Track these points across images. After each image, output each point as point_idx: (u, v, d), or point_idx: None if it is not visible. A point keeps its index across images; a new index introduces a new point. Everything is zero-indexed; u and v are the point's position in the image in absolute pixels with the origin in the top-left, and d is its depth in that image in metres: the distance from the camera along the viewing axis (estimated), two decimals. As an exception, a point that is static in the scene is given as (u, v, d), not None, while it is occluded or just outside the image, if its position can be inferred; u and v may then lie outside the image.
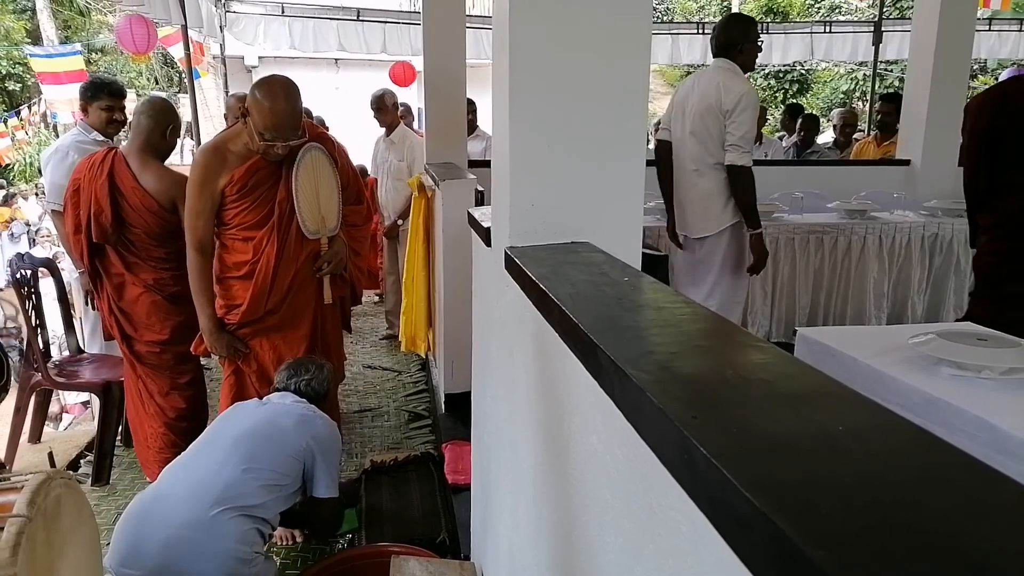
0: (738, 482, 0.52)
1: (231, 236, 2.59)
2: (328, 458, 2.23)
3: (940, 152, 4.55)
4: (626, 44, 1.43)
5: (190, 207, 2.52)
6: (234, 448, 2.07)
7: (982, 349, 1.70)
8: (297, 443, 2.16)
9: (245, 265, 2.57)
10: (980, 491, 0.50)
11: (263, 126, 2.40)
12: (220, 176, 2.50)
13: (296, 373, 2.41)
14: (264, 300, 2.58)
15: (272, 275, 2.56)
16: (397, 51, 8.60)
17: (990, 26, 9.25)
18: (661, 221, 3.76)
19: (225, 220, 2.56)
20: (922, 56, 4.54)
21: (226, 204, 2.52)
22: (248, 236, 2.57)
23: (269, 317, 2.63)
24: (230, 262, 2.60)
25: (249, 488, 2.01)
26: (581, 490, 1.00)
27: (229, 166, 2.50)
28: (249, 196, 2.53)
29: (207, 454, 2.09)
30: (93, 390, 3.26)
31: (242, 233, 2.57)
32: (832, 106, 16.20)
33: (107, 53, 15.35)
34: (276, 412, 2.24)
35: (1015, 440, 1.35)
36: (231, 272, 2.61)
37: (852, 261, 3.80)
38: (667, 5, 18.96)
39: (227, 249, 2.61)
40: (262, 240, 2.55)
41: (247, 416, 2.22)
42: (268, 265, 2.55)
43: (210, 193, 2.50)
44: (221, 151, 2.53)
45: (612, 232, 1.48)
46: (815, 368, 0.75)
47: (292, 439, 2.16)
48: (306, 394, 2.38)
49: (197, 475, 2.02)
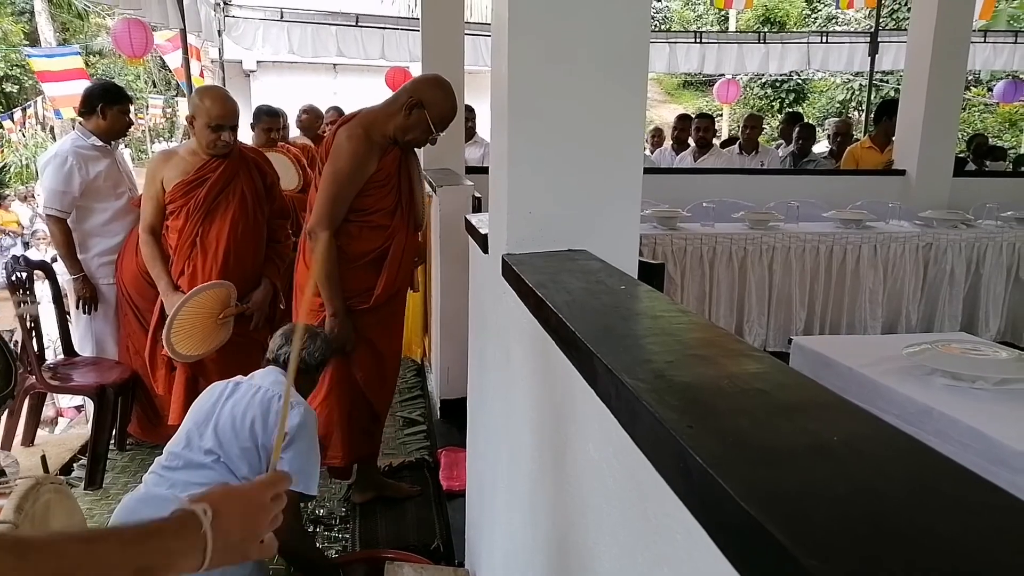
0: (733, 491, 0.52)
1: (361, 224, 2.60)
2: (302, 448, 2.03)
3: (935, 163, 4.58)
4: (624, 52, 1.44)
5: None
6: (206, 441, 1.98)
7: (976, 359, 1.71)
8: (266, 432, 2.01)
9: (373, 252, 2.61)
10: (973, 502, 0.51)
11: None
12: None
13: (287, 342, 2.23)
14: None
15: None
16: (396, 57, 8.62)
17: (985, 38, 9.31)
18: (658, 229, 3.77)
19: (357, 207, 2.57)
20: (918, 67, 4.57)
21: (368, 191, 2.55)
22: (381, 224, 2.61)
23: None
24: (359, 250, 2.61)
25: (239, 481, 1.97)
26: (577, 498, 1.01)
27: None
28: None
29: (187, 450, 2.01)
30: (87, 393, 3.24)
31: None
32: (828, 115, 16.29)
33: (105, 56, 15.35)
34: (250, 403, 2.06)
35: (1008, 450, 1.36)
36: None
37: (848, 270, 3.82)
38: (665, 14, 19.04)
39: (353, 238, 2.59)
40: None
41: (218, 404, 2.07)
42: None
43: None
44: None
45: (609, 240, 1.48)
46: (810, 378, 0.76)
47: (259, 428, 2.01)
48: (298, 367, 2.23)
49: (179, 475, 1.98)
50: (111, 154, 3.36)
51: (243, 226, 2.92)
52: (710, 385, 0.76)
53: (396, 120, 2.51)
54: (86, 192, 3.23)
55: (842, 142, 5.81)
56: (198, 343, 2.78)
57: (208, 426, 2.04)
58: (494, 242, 1.63)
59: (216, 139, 2.80)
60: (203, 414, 2.09)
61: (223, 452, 1.99)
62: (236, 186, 2.91)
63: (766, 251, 3.75)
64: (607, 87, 1.45)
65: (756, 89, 18.28)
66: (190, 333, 2.75)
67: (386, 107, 2.58)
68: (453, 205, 3.19)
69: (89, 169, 3.23)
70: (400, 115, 2.51)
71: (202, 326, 2.78)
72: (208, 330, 2.80)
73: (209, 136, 2.80)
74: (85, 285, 3.27)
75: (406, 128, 2.52)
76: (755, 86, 18.14)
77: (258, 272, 3.00)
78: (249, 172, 2.97)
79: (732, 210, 4.15)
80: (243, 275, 2.91)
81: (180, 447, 2.03)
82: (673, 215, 3.87)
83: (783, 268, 3.77)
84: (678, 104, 18.76)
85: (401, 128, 2.52)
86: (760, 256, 3.75)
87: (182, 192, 2.86)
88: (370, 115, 2.57)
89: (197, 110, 2.80)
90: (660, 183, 4.40)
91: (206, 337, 2.80)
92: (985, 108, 16.95)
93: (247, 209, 2.93)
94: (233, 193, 2.90)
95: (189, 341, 2.75)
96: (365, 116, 2.56)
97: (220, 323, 2.82)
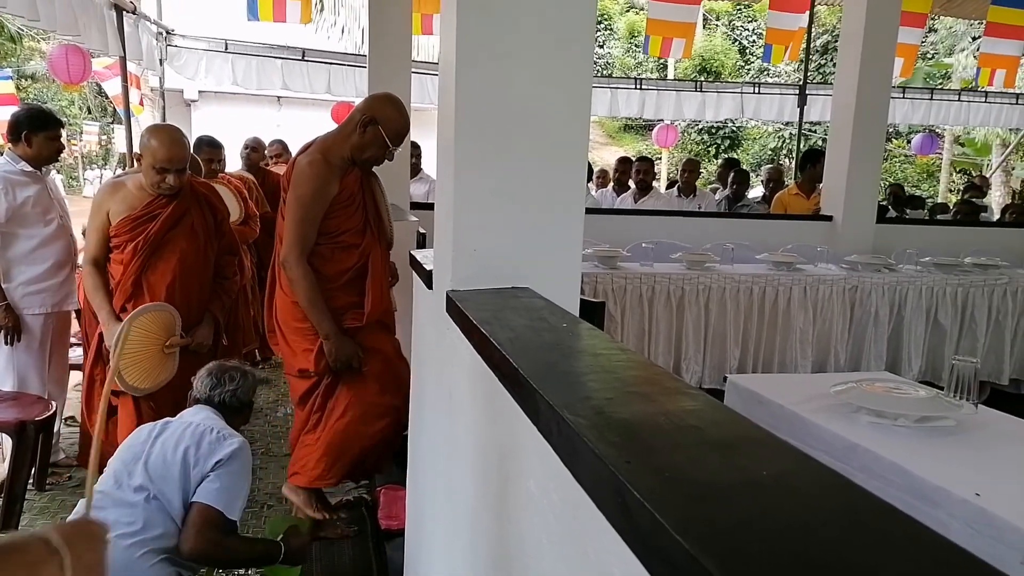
0: (669, 525, 0.54)
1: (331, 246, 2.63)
2: (234, 475, 2.00)
3: (859, 210, 4.81)
4: (568, 96, 1.49)
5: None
6: (136, 479, 1.93)
7: (898, 398, 1.79)
8: (203, 469, 1.98)
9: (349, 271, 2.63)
10: (895, 536, 0.54)
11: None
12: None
13: (219, 383, 2.19)
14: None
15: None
16: (342, 92, 8.60)
17: (904, 94, 9.91)
18: (599, 268, 3.84)
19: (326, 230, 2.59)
20: (843, 119, 4.82)
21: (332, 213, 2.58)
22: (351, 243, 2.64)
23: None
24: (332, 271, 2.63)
25: (168, 528, 1.91)
26: (516, 535, 1.01)
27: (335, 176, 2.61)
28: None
29: (115, 488, 1.94)
30: (6, 430, 3.08)
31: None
32: (762, 162, 16.97)
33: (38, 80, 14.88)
34: (181, 436, 2.02)
35: (928, 485, 1.42)
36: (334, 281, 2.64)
37: (779, 311, 3.95)
38: (607, 60, 19.64)
39: (326, 259, 2.62)
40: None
41: (147, 442, 2.02)
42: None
43: None
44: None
45: (551, 279, 1.51)
46: (743, 415, 0.79)
47: (199, 466, 1.97)
48: (230, 406, 2.18)
49: (107, 514, 1.89)
50: (41, 180, 3.24)
51: (191, 261, 2.84)
52: (648, 422, 0.78)
53: (352, 140, 2.57)
54: (12, 218, 3.11)
55: (774, 188, 6.06)
56: (145, 374, 2.66)
57: (138, 464, 1.98)
58: (439, 278, 1.64)
59: (160, 181, 2.71)
60: (132, 452, 2.03)
61: (154, 488, 1.94)
62: (186, 222, 2.83)
63: (702, 291, 3.85)
64: (551, 129, 1.49)
65: (693, 135, 18.95)
66: (137, 360, 2.63)
67: (341, 129, 2.64)
68: (398, 241, 3.18)
69: (16, 194, 3.11)
70: (355, 134, 2.56)
71: (149, 354, 2.66)
72: (155, 360, 2.68)
73: (154, 177, 2.72)
74: (7, 315, 3.13)
75: (362, 146, 2.57)
76: (692, 131, 18.81)
77: (203, 308, 2.91)
78: (200, 207, 2.90)
79: (670, 251, 4.25)
80: (188, 310, 2.82)
81: (108, 486, 1.95)
82: (614, 255, 3.95)
83: (719, 308, 3.88)
84: (619, 147, 19.27)
85: (358, 147, 2.57)
86: (697, 296, 3.85)
87: (128, 227, 2.75)
88: (327, 140, 2.63)
89: (144, 149, 2.72)
90: (601, 224, 4.49)
91: (153, 367, 2.68)
92: (905, 159, 17.96)
93: (197, 245, 2.86)
94: (183, 229, 2.82)
95: (136, 370, 2.63)
96: (322, 142, 2.63)
97: (167, 353, 2.72)
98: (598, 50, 18.93)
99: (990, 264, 4.36)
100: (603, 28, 19.68)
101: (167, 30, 7.67)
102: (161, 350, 2.69)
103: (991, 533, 1.30)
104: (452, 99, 1.45)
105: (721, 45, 19.62)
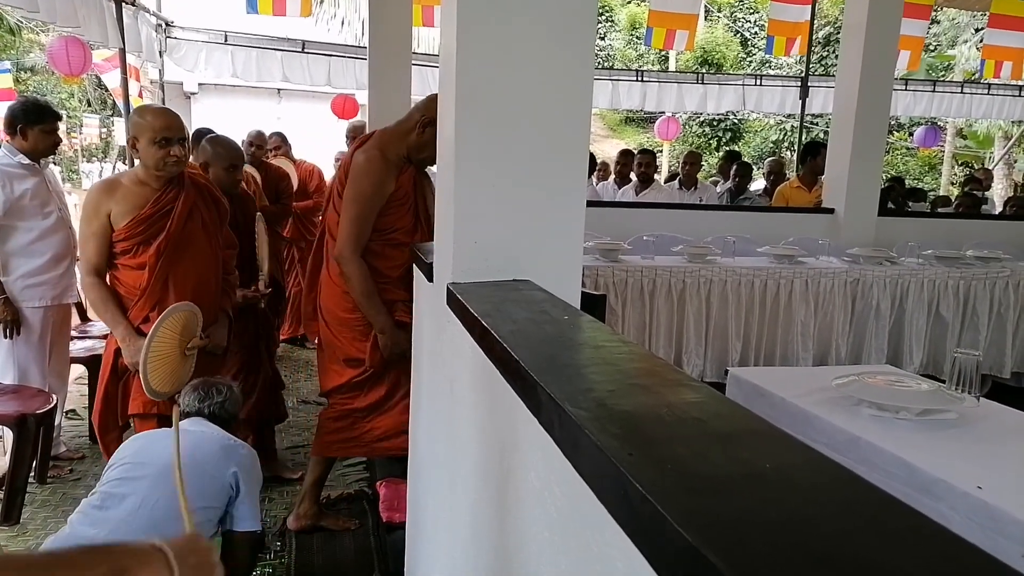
0: (672, 518, 0.53)
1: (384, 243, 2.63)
2: (252, 489, 2.10)
3: (862, 202, 4.80)
4: (569, 88, 1.48)
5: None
6: (155, 483, 1.93)
7: (900, 391, 1.79)
8: (223, 473, 2.04)
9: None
10: (897, 528, 0.53)
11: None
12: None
13: (208, 396, 2.24)
14: None
15: None
16: (342, 84, 8.59)
17: (906, 86, 9.88)
18: (600, 261, 3.84)
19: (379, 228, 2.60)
20: (845, 112, 4.81)
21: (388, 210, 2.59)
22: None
23: None
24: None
25: (177, 527, 1.91)
26: (519, 528, 1.01)
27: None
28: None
29: (126, 491, 1.97)
30: (6, 423, 3.08)
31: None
32: (763, 154, 16.94)
33: (37, 72, 14.84)
34: (196, 441, 2.07)
35: (929, 478, 1.42)
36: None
37: (781, 304, 3.95)
38: (608, 52, 19.58)
39: (378, 256, 2.62)
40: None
41: (164, 447, 2.04)
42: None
43: None
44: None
45: (553, 271, 1.51)
46: (744, 407, 0.78)
47: (218, 469, 2.03)
48: (219, 417, 2.22)
49: (117, 514, 1.91)
50: (39, 172, 3.24)
51: (207, 256, 2.72)
52: (650, 414, 0.78)
53: (410, 139, 2.58)
54: (10, 211, 3.11)
55: (775, 180, 6.05)
56: (167, 377, 2.50)
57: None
58: (439, 271, 1.64)
59: (166, 154, 2.49)
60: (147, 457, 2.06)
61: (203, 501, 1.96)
62: (197, 215, 2.68)
63: (704, 284, 3.84)
64: (552, 121, 1.48)
65: (695, 127, 18.90)
66: (161, 364, 2.48)
67: (399, 127, 2.64)
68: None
69: (14, 187, 3.11)
70: (414, 133, 2.57)
71: (172, 357, 2.51)
72: (176, 363, 2.52)
73: (157, 153, 2.49)
74: (7, 308, 3.13)
75: (420, 146, 2.57)
76: (694, 124, 18.76)
77: (217, 305, 2.78)
78: (204, 200, 2.75)
79: (671, 244, 4.25)
80: (206, 310, 2.66)
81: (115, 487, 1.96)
82: (615, 247, 3.95)
83: (720, 301, 3.87)
84: (620, 139, 19.23)
85: (416, 146, 2.58)
86: (698, 289, 3.84)
87: (142, 228, 2.56)
88: (384, 135, 2.64)
89: (139, 128, 2.51)
90: (602, 216, 4.48)
91: (175, 371, 2.52)
92: (907, 152, 17.92)
93: (209, 238, 2.73)
94: (196, 223, 2.67)
95: (157, 374, 2.47)
96: (380, 137, 2.64)
97: (187, 355, 2.55)
98: (599, 42, 18.86)
99: (992, 257, 4.36)
100: (604, 20, 19.60)
101: (166, 22, 7.65)
102: (182, 352, 2.53)
103: (992, 526, 1.30)
104: (453, 91, 1.45)
105: (723, 37, 19.55)
